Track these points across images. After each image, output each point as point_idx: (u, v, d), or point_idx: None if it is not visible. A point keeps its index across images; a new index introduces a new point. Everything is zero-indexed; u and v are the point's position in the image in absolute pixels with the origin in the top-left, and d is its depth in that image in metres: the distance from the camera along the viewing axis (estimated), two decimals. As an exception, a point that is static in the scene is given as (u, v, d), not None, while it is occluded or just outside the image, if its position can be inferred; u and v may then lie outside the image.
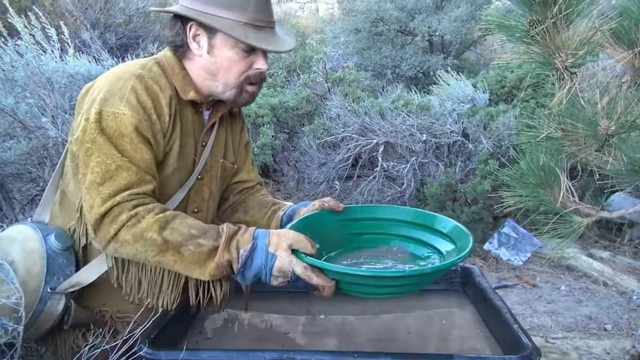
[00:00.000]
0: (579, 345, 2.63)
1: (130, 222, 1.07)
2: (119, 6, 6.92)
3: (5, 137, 2.75)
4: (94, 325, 1.24)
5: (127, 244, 1.07)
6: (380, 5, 7.44)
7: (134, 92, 1.13)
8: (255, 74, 1.23)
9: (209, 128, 1.31)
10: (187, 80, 1.24)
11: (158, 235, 1.06)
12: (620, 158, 1.24)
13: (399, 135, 4.23)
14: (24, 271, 1.12)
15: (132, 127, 1.11)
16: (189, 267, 1.08)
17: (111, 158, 1.09)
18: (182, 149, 1.23)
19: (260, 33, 1.18)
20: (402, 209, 1.41)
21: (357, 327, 1.28)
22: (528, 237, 3.86)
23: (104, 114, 1.11)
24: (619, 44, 1.25)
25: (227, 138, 1.40)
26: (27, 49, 2.85)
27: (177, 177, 1.24)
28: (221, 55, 1.20)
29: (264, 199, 1.45)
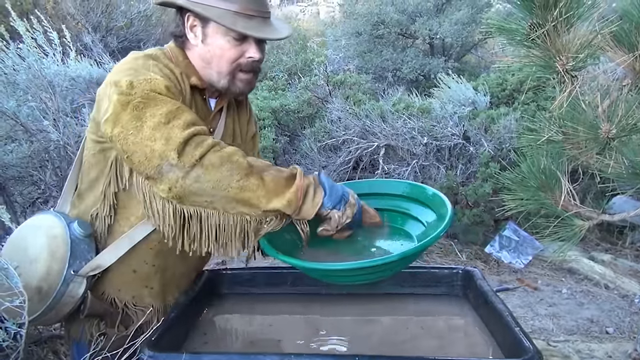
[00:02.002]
0: (581, 349, 2.62)
1: (215, 147, 1.10)
2: (120, 9, 6.94)
3: (7, 140, 2.76)
4: (108, 316, 1.28)
5: (213, 167, 1.08)
6: (381, 8, 7.46)
7: (155, 66, 1.19)
8: (247, 62, 1.25)
9: (215, 114, 1.35)
10: (190, 68, 1.28)
11: (244, 159, 1.11)
12: (622, 161, 1.25)
13: (400, 138, 4.23)
14: (48, 255, 1.18)
15: (165, 88, 1.14)
16: (268, 193, 1.11)
17: (165, 104, 1.11)
18: None
19: (251, 22, 1.21)
20: (385, 182, 1.43)
21: (357, 330, 1.28)
22: (529, 240, 3.86)
23: (136, 82, 1.13)
24: (619, 47, 1.25)
25: (235, 126, 1.43)
26: (29, 52, 2.85)
27: None
28: (214, 44, 1.24)
29: None
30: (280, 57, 6.77)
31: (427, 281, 1.44)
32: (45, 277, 1.16)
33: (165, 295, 1.34)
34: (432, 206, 1.28)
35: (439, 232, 1.14)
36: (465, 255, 3.91)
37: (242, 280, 1.48)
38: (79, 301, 1.22)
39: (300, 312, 1.36)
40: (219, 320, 1.35)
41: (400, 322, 1.30)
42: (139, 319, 1.29)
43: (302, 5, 16.63)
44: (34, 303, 1.14)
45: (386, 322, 1.31)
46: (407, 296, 1.42)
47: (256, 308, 1.39)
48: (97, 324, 1.29)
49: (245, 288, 1.46)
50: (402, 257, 1.09)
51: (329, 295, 1.38)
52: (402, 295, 1.42)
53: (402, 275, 1.42)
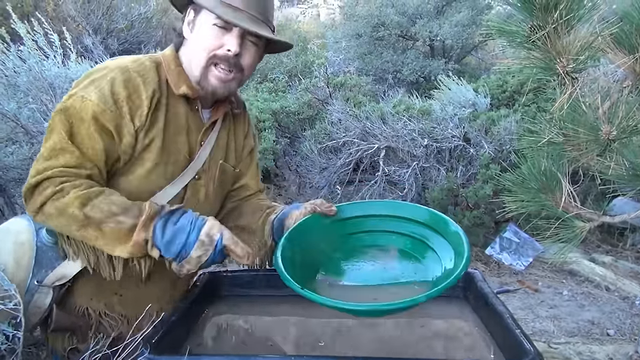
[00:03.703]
0: (582, 351, 2.62)
1: (54, 197, 1.09)
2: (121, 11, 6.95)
3: (8, 142, 2.76)
4: (78, 330, 1.25)
5: (52, 216, 1.10)
6: (382, 10, 7.46)
7: (110, 82, 1.16)
8: (223, 54, 1.21)
9: (208, 127, 1.32)
10: (182, 76, 1.25)
11: (79, 211, 1.08)
12: (622, 163, 1.25)
13: (400, 140, 4.23)
14: (13, 263, 1.16)
15: (92, 114, 1.13)
16: (110, 243, 1.10)
17: (60, 138, 1.13)
18: (167, 144, 1.24)
19: (234, 12, 1.19)
20: (397, 204, 1.39)
21: (356, 332, 1.27)
22: (530, 241, 3.86)
23: (74, 96, 1.15)
24: (619, 49, 1.25)
25: (230, 140, 1.40)
26: (30, 54, 2.86)
27: (161, 172, 1.24)
28: (199, 32, 1.22)
29: (258, 203, 1.45)
30: (281, 59, 6.77)
31: (428, 283, 1.44)
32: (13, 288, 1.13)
33: (138, 304, 1.27)
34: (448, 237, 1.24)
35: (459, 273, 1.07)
36: (465, 257, 3.90)
37: (242, 282, 1.47)
38: (47, 312, 1.19)
39: (300, 314, 1.36)
40: (218, 322, 1.35)
41: (400, 324, 1.30)
42: (111, 330, 1.27)
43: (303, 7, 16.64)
44: None
45: (386, 324, 1.31)
46: (408, 298, 1.42)
47: (256, 310, 1.39)
48: (68, 338, 1.26)
49: (245, 290, 1.46)
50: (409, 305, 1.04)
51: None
52: (403, 297, 1.42)
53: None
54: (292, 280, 1.09)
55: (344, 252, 1.34)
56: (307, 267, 1.24)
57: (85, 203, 1.09)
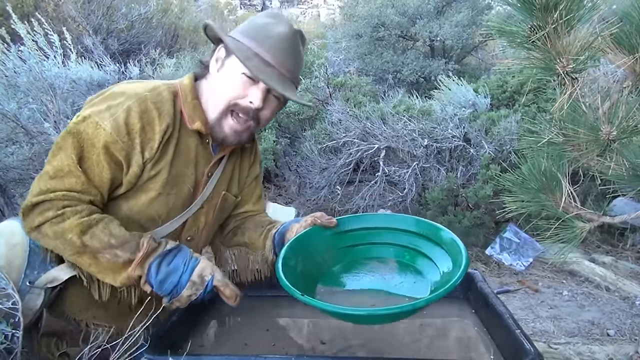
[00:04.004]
0: (582, 351, 2.62)
1: (54, 220, 1.11)
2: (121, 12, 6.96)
3: (8, 143, 2.76)
4: (68, 334, 1.26)
5: (48, 237, 1.12)
6: (382, 11, 7.47)
7: (126, 112, 1.16)
8: (245, 105, 1.22)
9: (216, 161, 1.34)
10: (197, 110, 1.26)
11: (78, 238, 1.10)
12: (622, 163, 1.24)
13: (401, 140, 4.23)
14: (5, 263, 1.16)
15: (104, 143, 1.14)
16: (102, 271, 1.13)
17: (69, 161, 1.13)
18: (173, 176, 1.25)
19: (265, 67, 1.19)
20: (396, 217, 1.41)
21: (357, 333, 1.27)
22: (530, 242, 3.86)
23: (89, 120, 1.15)
24: (620, 49, 1.25)
25: (234, 171, 1.43)
26: (30, 54, 2.86)
27: (163, 201, 1.25)
28: (226, 75, 1.23)
29: (260, 219, 1.47)
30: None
31: (428, 283, 1.44)
32: None
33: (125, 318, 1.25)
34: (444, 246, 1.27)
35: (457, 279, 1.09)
36: (465, 257, 3.90)
37: (242, 282, 1.47)
38: (37, 314, 1.20)
39: (300, 314, 1.36)
40: (219, 323, 1.35)
41: (400, 324, 1.30)
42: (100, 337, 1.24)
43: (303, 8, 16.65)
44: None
45: (387, 325, 1.31)
46: (408, 298, 1.42)
47: (257, 310, 1.39)
48: (56, 342, 1.26)
49: (245, 290, 1.46)
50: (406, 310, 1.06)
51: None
52: (403, 298, 1.42)
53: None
54: (292, 287, 1.10)
55: (344, 264, 1.36)
56: (307, 277, 1.26)
57: (85, 231, 1.10)
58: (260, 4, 24.31)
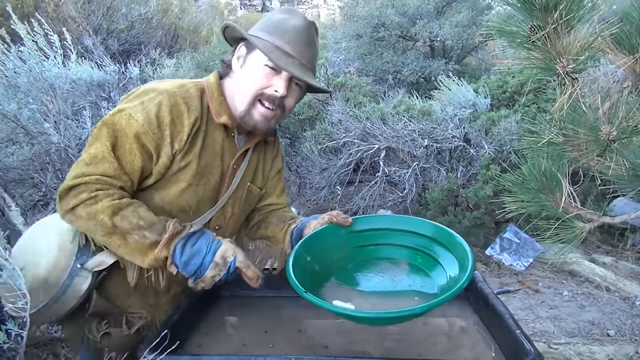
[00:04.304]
0: (582, 351, 2.62)
1: (88, 202, 1.18)
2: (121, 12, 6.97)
3: (8, 143, 2.76)
4: (112, 315, 1.33)
5: (82, 219, 1.19)
6: (382, 11, 7.47)
7: (157, 106, 1.25)
8: (270, 94, 1.30)
9: (242, 153, 1.42)
10: (223, 105, 1.35)
11: (109, 219, 1.17)
12: (622, 163, 1.24)
13: (401, 141, 4.23)
14: (57, 248, 1.26)
15: (136, 133, 1.22)
16: (131, 253, 1.20)
17: (103, 148, 1.22)
18: (202, 167, 1.33)
19: (287, 58, 1.28)
20: (412, 220, 1.42)
21: (358, 333, 1.27)
22: (530, 242, 3.86)
23: (123, 112, 1.24)
24: (620, 49, 1.25)
25: (259, 164, 1.51)
26: (30, 55, 2.86)
27: (193, 192, 1.33)
28: (249, 68, 1.31)
29: (283, 214, 1.55)
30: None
31: (428, 283, 1.44)
32: (53, 269, 1.23)
33: (159, 308, 1.39)
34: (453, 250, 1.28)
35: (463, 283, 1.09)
36: (466, 257, 3.90)
37: (243, 283, 1.47)
38: (82, 298, 1.27)
39: (301, 315, 1.36)
40: (219, 323, 1.35)
41: (401, 325, 1.30)
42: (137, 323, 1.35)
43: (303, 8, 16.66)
44: (40, 293, 1.21)
45: (389, 327, 1.31)
46: (408, 298, 1.42)
47: (257, 311, 1.39)
48: (99, 323, 1.32)
49: (246, 291, 1.46)
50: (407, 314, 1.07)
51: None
52: (403, 298, 1.42)
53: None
54: (297, 284, 1.13)
55: (356, 263, 1.38)
56: (316, 275, 1.29)
57: (116, 212, 1.18)
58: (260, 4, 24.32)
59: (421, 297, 1.22)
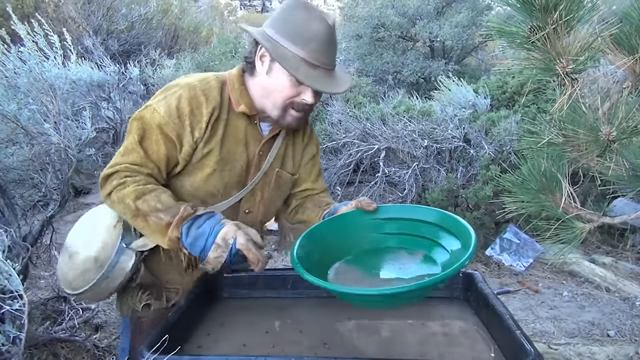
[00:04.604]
0: (582, 352, 2.62)
1: (118, 187, 1.30)
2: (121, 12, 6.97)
3: (8, 143, 2.76)
4: (154, 289, 1.47)
5: (115, 203, 1.32)
6: (382, 11, 7.47)
7: (178, 99, 1.35)
8: (300, 103, 1.36)
9: (268, 139, 1.47)
10: (244, 94, 1.41)
11: (133, 202, 1.28)
12: (622, 164, 1.24)
13: (401, 141, 4.23)
14: (106, 230, 1.39)
15: (158, 124, 1.33)
16: (153, 234, 1.30)
17: (132, 140, 1.35)
18: (225, 154, 1.41)
19: (313, 71, 1.31)
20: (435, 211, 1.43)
21: (358, 334, 1.27)
22: (530, 242, 3.86)
23: (149, 107, 1.36)
24: (619, 49, 1.25)
25: (288, 150, 1.55)
26: (30, 55, 2.86)
27: (218, 177, 1.41)
28: (276, 78, 1.35)
29: (319, 200, 1.60)
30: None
31: (428, 284, 1.44)
32: (102, 249, 1.36)
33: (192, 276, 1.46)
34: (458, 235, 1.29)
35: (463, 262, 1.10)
36: (466, 258, 3.91)
37: (243, 283, 1.48)
38: (129, 275, 1.39)
39: (300, 315, 1.36)
40: (219, 324, 1.35)
41: (401, 325, 1.30)
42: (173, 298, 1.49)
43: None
44: (91, 272, 1.35)
45: (387, 326, 1.31)
46: (408, 299, 1.42)
47: (257, 312, 1.39)
48: (143, 294, 1.46)
49: (246, 292, 1.46)
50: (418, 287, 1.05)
51: (329, 298, 1.38)
52: (403, 298, 1.42)
53: (402, 278, 1.42)
54: (297, 264, 1.17)
55: (369, 249, 1.40)
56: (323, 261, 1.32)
57: (139, 197, 1.29)
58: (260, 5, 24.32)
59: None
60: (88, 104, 3.29)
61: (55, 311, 2.42)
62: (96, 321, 2.61)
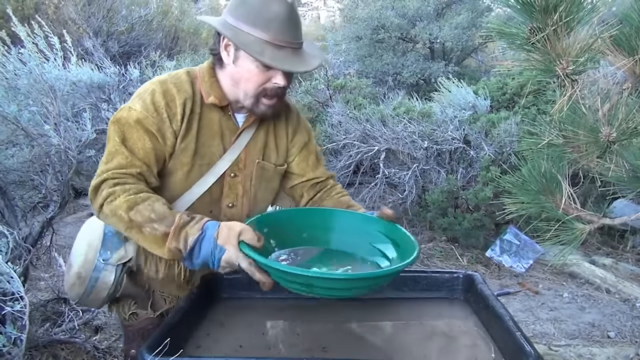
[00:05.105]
0: (582, 353, 2.61)
1: (108, 199, 1.26)
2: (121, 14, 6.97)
3: (8, 145, 2.76)
4: (140, 298, 1.46)
5: (107, 216, 1.27)
6: (382, 13, 7.47)
7: (151, 94, 1.35)
8: (273, 87, 1.33)
9: (244, 129, 1.45)
10: (214, 87, 1.39)
11: (125, 214, 1.24)
12: (622, 165, 1.24)
13: (401, 142, 4.23)
14: (87, 246, 1.39)
15: (137, 120, 1.31)
16: (150, 245, 1.25)
17: (114, 143, 1.32)
18: (201, 148, 1.39)
19: (279, 52, 1.27)
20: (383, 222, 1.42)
21: (358, 335, 1.27)
22: (530, 243, 3.85)
23: (124, 108, 1.35)
24: (619, 50, 1.25)
25: (269, 140, 1.51)
26: (30, 57, 2.86)
27: (196, 172, 1.40)
28: (243, 67, 1.32)
29: (339, 199, 1.57)
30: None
31: (428, 285, 1.44)
32: (83, 265, 1.36)
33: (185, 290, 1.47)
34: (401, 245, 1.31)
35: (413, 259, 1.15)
36: (466, 259, 3.91)
37: (241, 284, 1.47)
38: (113, 288, 1.39)
39: (299, 317, 1.36)
40: (217, 325, 1.34)
41: (401, 326, 1.30)
42: (166, 304, 1.48)
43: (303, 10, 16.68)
44: (76, 287, 1.38)
45: (387, 327, 1.31)
46: (408, 301, 1.42)
47: (256, 313, 1.39)
48: (129, 304, 1.46)
49: (245, 292, 1.46)
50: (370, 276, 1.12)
51: (329, 300, 1.38)
52: (403, 300, 1.42)
53: (403, 280, 1.42)
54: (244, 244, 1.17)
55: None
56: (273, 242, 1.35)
57: (132, 207, 1.24)
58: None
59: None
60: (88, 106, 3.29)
61: (55, 313, 2.42)
62: (96, 323, 2.60)
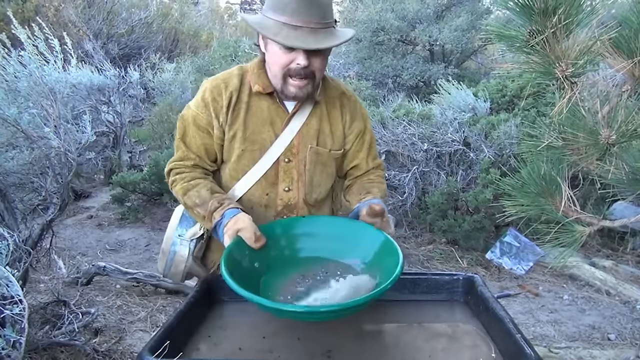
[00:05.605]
0: (583, 355, 2.61)
1: (172, 185, 1.54)
2: (121, 16, 6.99)
3: (8, 147, 2.76)
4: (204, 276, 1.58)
5: (177, 195, 1.53)
6: (381, 15, 7.49)
7: (203, 92, 1.52)
8: (296, 68, 1.40)
9: (293, 115, 1.53)
10: (261, 76, 1.50)
11: (182, 198, 1.51)
12: (622, 167, 1.24)
13: (400, 144, 4.24)
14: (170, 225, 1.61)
15: (192, 118, 1.52)
16: (202, 224, 1.51)
17: (178, 138, 1.55)
18: (251, 135, 1.51)
19: (295, 32, 1.34)
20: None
21: (358, 337, 1.27)
22: (530, 246, 3.85)
23: (187, 106, 1.56)
24: (618, 53, 1.25)
25: (323, 126, 1.57)
26: (30, 59, 2.86)
27: (248, 157, 1.53)
28: (270, 50, 1.43)
29: (363, 185, 1.61)
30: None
31: (429, 288, 1.44)
32: (166, 241, 1.59)
33: None
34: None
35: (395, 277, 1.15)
36: (466, 261, 3.91)
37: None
38: (189, 261, 1.58)
39: (299, 322, 1.36)
40: (217, 327, 1.34)
41: (401, 329, 1.30)
42: None
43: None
44: (161, 260, 1.60)
45: (387, 329, 1.31)
46: (409, 303, 1.42)
47: (257, 316, 1.39)
48: None
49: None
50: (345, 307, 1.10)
51: (329, 301, 1.38)
52: (404, 302, 1.42)
53: (403, 283, 1.42)
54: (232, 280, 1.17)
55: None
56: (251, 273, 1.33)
57: (185, 193, 1.49)
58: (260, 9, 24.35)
59: None
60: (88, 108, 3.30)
61: (55, 315, 2.41)
62: (96, 325, 2.60)
